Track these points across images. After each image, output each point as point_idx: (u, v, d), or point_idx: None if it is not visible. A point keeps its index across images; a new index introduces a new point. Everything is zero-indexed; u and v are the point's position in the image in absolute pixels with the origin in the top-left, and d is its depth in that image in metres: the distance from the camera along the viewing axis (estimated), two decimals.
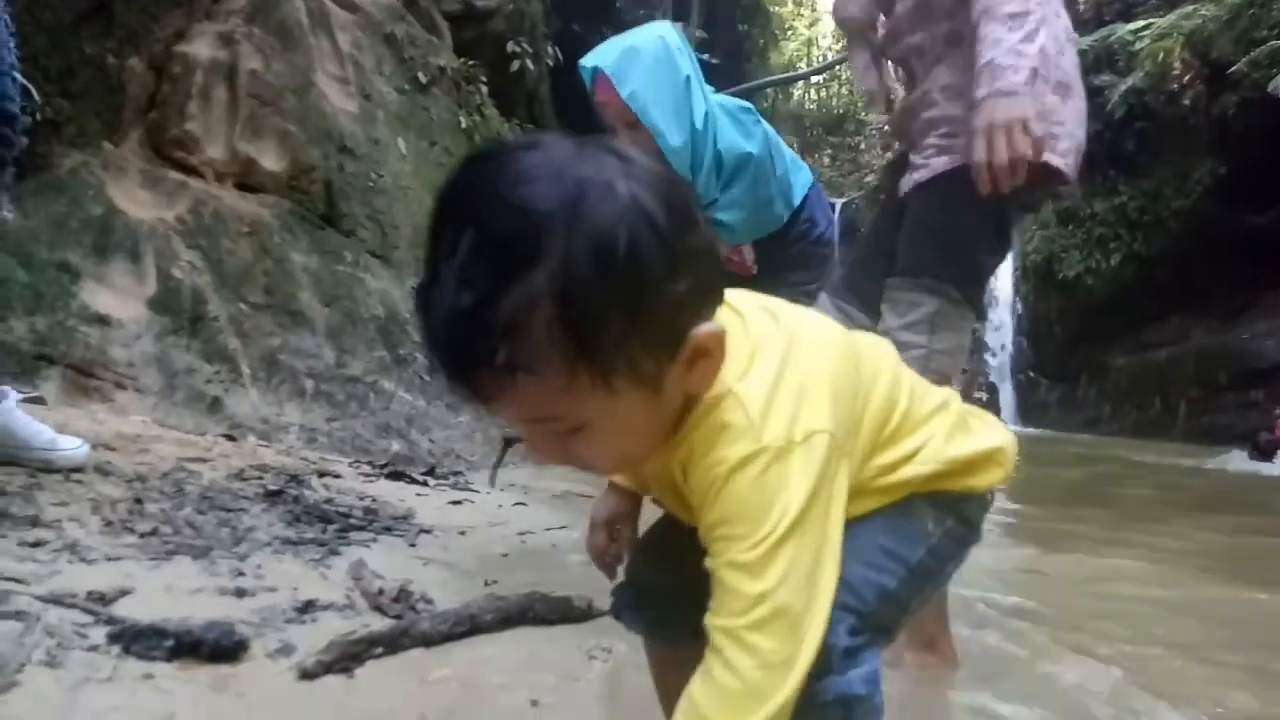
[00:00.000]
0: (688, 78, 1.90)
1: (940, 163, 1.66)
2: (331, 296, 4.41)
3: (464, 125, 5.96)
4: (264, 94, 4.57)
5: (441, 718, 1.15)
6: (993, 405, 16.57)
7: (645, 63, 1.81)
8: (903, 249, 1.70)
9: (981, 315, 1.84)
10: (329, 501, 2.35)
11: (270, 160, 4.55)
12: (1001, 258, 1.79)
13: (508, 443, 2.21)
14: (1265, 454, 8.88)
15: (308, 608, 1.49)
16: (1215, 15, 12.66)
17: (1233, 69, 12.61)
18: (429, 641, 1.42)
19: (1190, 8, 12.96)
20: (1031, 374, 17.36)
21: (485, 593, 1.67)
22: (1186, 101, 13.97)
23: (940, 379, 1.66)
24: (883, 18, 1.87)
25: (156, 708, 1.05)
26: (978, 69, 1.58)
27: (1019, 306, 17.89)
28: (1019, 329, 17.78)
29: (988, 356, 17.65)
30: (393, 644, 1.38)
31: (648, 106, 1.86)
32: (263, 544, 1.82)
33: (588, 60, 1.88)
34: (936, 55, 1.75)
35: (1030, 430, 15.21)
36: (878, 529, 0.82)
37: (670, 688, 1.02)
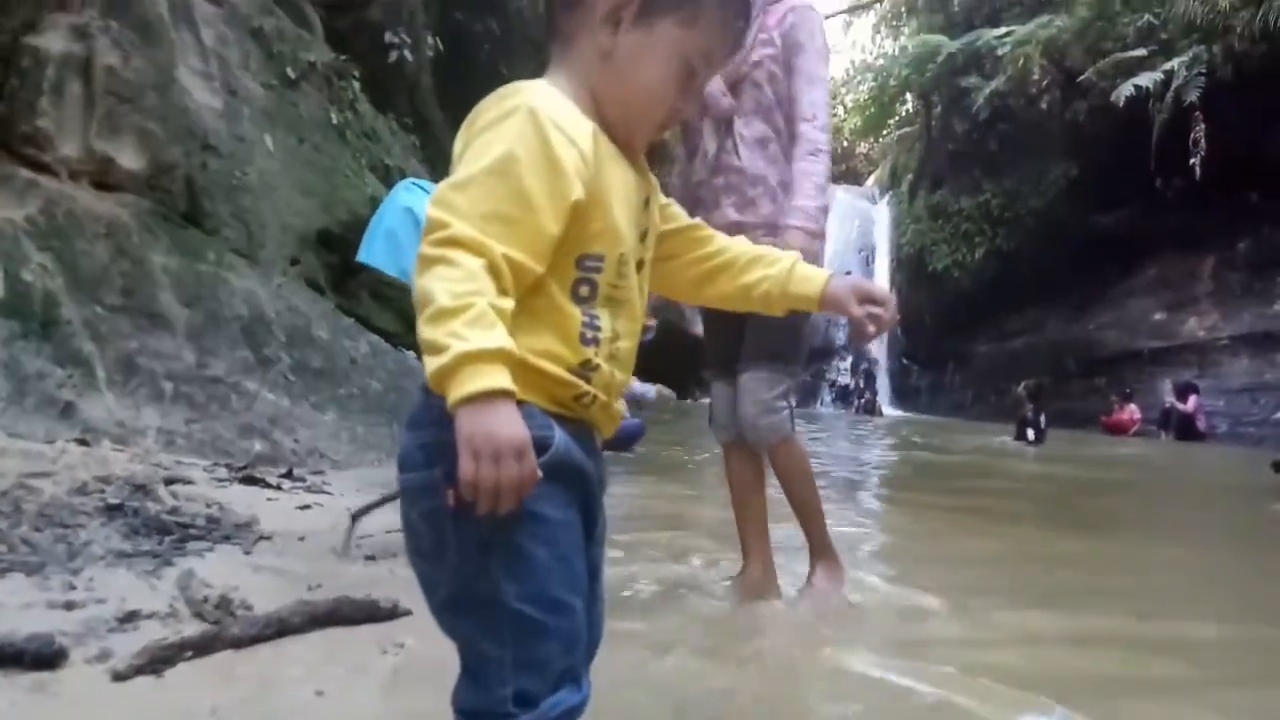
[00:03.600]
0: None
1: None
2: (193, 297, 4.45)
3: (335, 121, 6.01)
4: (122, 90, 4.53)
5: (233, 710, 1.38)
6: (870, 390, 17.52)
7: (403, 244, 2.29)
8: (753, 339, 2.21)
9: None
10: (172, 511, 2.50)
11: (129, 159, 4.53)
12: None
13: (355, 518, 2.56)
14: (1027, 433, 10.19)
15: (131, 617, 1.68)
16: (1068, 26, 13.65)
17: (1082, 77, 13.65)
18: (239, 644, 1.64)
19: (1046, 18, 13.92)
20: (905, 361, 18.38)
21: (298, 598, 1.89)
22: (1044, 106, 15.03)
23: (785, 433, 2.23)
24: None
25: None
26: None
27: (894, 297, 18.96)
28: None
29: (870, 346, 18.61)
30: (204, 647, 1.59)
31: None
32: (97, 558, 1.98)
33: (363, 258, 2.41)
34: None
35: (898, 413, 16.14)
36: None
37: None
